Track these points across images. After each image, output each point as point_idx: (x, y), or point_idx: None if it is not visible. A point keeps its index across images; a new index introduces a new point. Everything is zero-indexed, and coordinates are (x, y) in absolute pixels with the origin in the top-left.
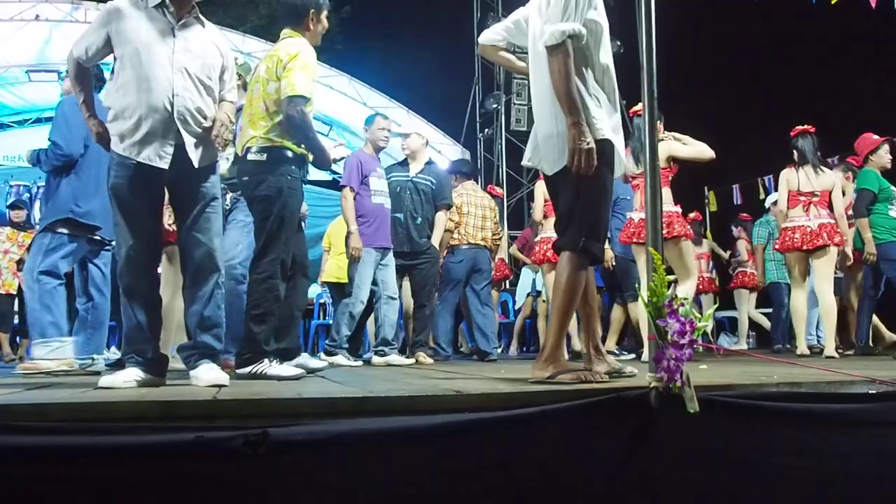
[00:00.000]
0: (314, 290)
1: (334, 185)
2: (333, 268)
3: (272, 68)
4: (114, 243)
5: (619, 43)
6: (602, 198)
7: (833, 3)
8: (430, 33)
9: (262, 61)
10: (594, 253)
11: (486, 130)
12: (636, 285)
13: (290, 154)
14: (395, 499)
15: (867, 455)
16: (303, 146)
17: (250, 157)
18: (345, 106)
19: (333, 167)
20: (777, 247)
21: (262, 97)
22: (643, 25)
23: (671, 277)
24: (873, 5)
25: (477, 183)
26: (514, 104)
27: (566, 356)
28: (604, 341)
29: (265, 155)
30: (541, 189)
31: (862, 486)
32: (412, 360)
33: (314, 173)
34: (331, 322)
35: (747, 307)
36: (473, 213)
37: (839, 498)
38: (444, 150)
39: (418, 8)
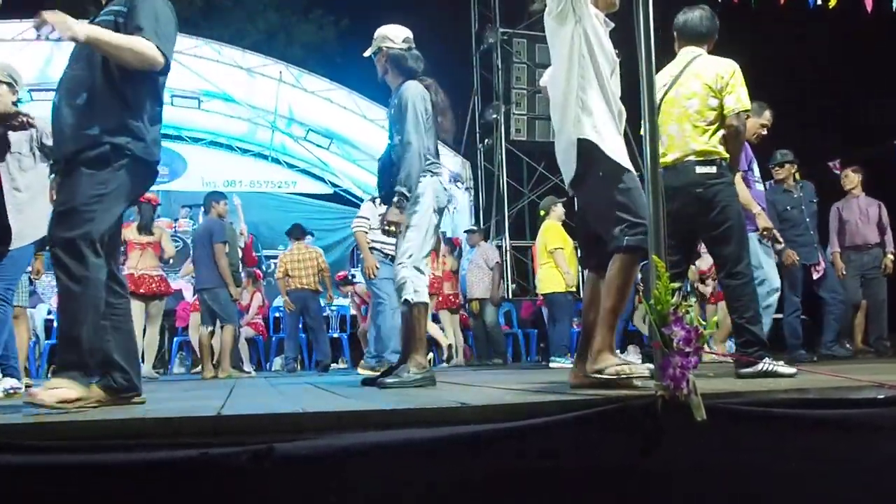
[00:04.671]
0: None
1: (336, 198)
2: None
3: (710, 84)
4: None
5: (617, 51)
6: (628, 196)
7: (831, 6)
8: (428, 45)
9: (689, 77)
10: (640, 248)
11: (486, 141)
12: None
13: (725, 163)
14: None
15: (876, 461)
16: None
17: (700, 168)
18: (345, 119)
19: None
20: None
21: (701, 112)
22: (641, 31)
23: (675, 284)
24: (869, 9)
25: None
26: (514, 114)
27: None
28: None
29: (713, 167)
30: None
31: (871, 492)
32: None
33: (314, 187)
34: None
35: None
36: (298, 266)
37: None
38: (445, 161)
39: (416, 20)
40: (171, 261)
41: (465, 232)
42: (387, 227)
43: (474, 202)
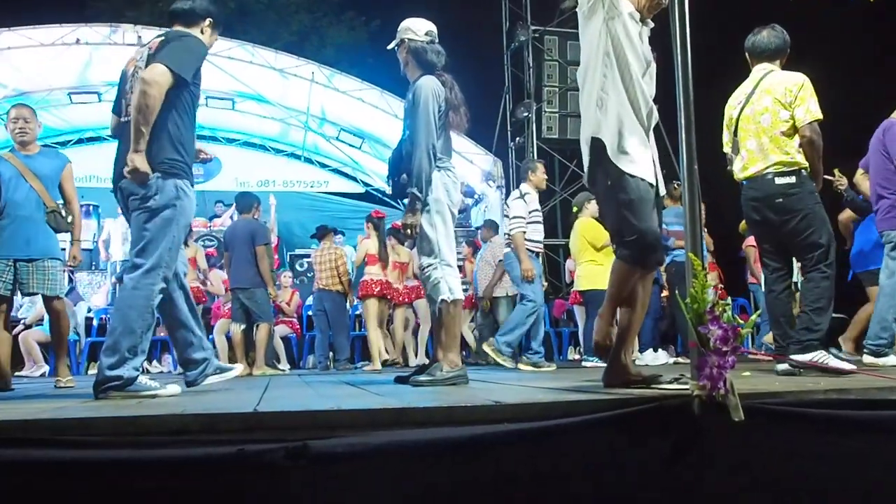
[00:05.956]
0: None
1: (367, 197)
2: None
3: (780, 99)
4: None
5: (652, 48)
6: (628, 208)
7: (872, 0)
8: (459, 44)
9: (761, 94)
10: (633, 261)
11: (518, 139)
12: None
13: (805, 173)
14: None
15: None
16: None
17: (779, 180)
18: (377, 119)
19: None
20: None
21: (774, 125)
22: (677, 30)
23: (711, 283)
24: None
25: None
26: (545, 112)
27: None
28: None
29: (794, 177)
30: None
31: None
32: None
33: (346, 186)
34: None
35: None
36: (319, 267)
37: None
38: (476, 160)
39: (447, 19)
40: (207, 274)
41: (476, 228)
42: (403, 231)
43: (506, 200)
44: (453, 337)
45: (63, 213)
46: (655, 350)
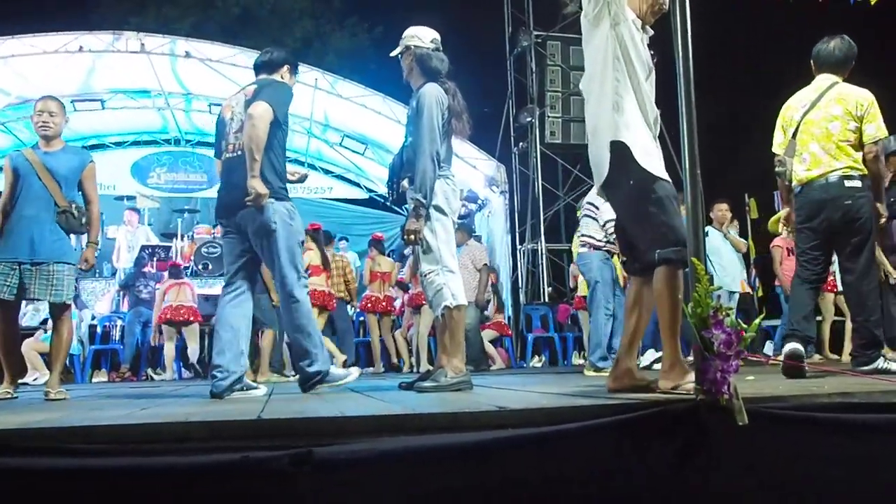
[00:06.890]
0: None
1: (371, 203)
2: None
3: (852, 111)
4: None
5: (652, 52)
6: (658, 206)
7: (872, 3)
8: (462, 49)
9: (830, 102)
10: (676, 259)
11: (521, 144)
12: None
13: (866, 179)
14: None
15: None
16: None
17: (847, 183)
18: (379, 124)
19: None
20: None
21: (843, 134)
22: (679, 33)
23: (714, 287)
24: None
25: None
26: (548, 117)
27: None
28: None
29: (860, 182)
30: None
31: None
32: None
33: (349, 192)
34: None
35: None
36: (335, 274)
37: None
38: (479, 165)
39: (450, 24)
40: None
41: (477, 236)
42: (406, 237)
43: (509, 205)
44: (457, 342)
45: (76, 213)
46: (657, 350)
